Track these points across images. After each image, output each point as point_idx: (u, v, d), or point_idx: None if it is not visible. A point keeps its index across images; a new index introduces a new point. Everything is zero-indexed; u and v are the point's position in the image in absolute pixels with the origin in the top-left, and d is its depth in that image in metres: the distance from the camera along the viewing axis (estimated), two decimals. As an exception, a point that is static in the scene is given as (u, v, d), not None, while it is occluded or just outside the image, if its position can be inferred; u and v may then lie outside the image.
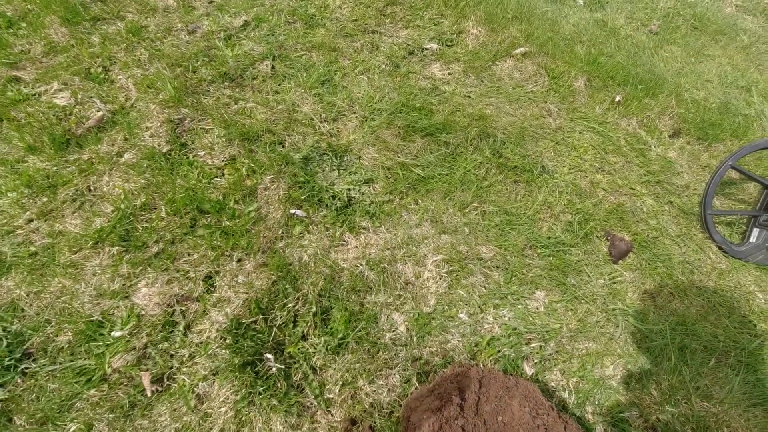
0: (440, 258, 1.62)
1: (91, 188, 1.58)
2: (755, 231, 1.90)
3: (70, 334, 1.32)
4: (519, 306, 1.56)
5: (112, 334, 1.32)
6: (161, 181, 1.62)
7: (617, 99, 2.32)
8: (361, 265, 1.57)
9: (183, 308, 1.41)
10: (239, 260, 1.51)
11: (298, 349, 1.38)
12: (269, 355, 1.33)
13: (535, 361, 1.45)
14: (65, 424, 1.18)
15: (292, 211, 1.64)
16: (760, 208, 1.88)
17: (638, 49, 2.83)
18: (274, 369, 1.33)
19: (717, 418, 1.44)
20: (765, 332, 1.68)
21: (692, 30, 3.16)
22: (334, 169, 1.80)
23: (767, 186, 1.86)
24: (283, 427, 1.26)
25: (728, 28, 3.25)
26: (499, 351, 1.43)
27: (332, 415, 1.30)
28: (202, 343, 1.36)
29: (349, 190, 1.74)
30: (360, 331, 1.42)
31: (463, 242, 1.68)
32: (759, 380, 1.55)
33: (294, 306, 1.44)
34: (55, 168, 1.60)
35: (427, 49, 2.38)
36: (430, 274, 1.59)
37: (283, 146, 1.80)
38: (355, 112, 1.99)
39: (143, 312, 1.38)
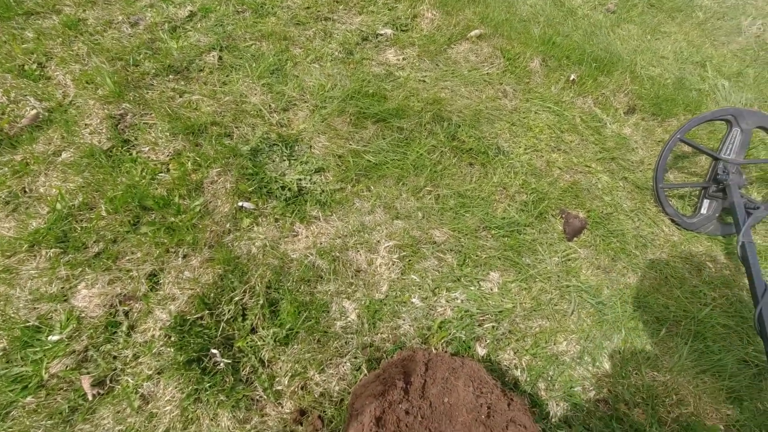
0: (393, 244, 1.61)
1: (27, 190, 1.52)
2: (705, 202, 1.94)
3: (4, 341, 1.27)
4: (472, 288, 1.56)
5: (50, 338, 1.28)
6: (102, 179, 1.57)
7: (572, 78, 2.32)
8: (312, 254, 1.55)
9: (126, 308, 1.37)
10: (185, 256, 1.48)
11: (247, 342, 1.36)
12: (215, 351, 1.31)
13: (488, 341, 1.45)
14: (0, 434, 1.15)
15: (240, 203, 1.60)
16: (710, 180, 1.91)
17: (595, 28, 2.83)
18: (221, 364, 1.31)
19: (666, 386, 1.46)
20: (714, 300, 1.72)
21: (649, 8, 3.18)
22: (285, 160, 1.76)
23: (715, 157, 1.89)
24: (231, 422, 1.24)
25: (684, 4, 3.28)
26: (451, 333, 1.42)
27: (282, 406, 1.28)
28: (146, 342, 1.33)
29: (299, 179, 1.71)
30: (310, 321, 1.40)
31: (417, 227, 1.67)
32: (708, 347, 1.58)
33: (242, 299, 1.41)
34: (-12, 170, 1.53)
35: (381, 34, 2.35)
36: (382, 261, 1.58)
37: (231, 138, 1.76)
38: (306, 101, 1.96)
39: (83, 314, 1.34)
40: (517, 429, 1.11)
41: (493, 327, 1.48)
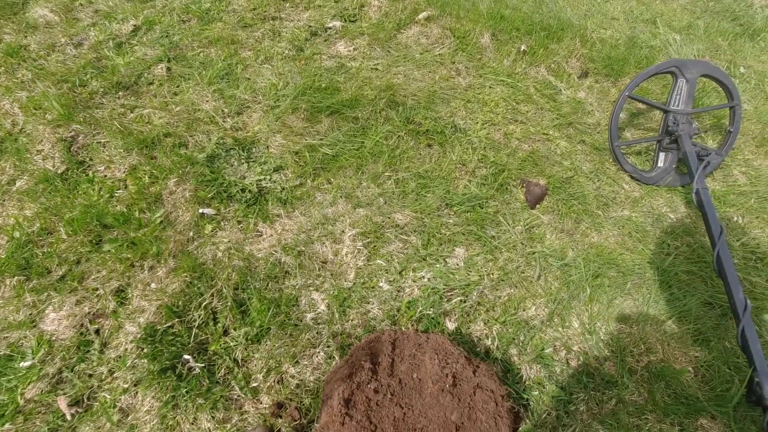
0: (356, 232, 1.63)
1: (-16, 222, 1.52)
2: (661, 155, 1.98)
3: (-24, 373, 1.28)
4: (438, 265, 1.59)
5: (22, 365, 1.29)
6: (59, 202, 1.57)
7: (523, 49, 2.35)
8: (277, 252, 1.57)
9: (96, 326, 1.39)
10: (151, 268, 1.49)
11: (220, 345, 1.38)
12: (187, 356, 1.33)
13: (457, 315, 1.49)
14: (-20, 463, 1.16)
15: (201, 210, 1.61)
16: (662, 133, 1.95)
17: (545, -3, 2.85)
18: (196, 369, 1.33)
19: (634, 337, 1.51)
20: (677, 249, 1.76)
21: (597, -29, 3.20)
22: (243, 162, 1.77)
23: (664, 110, 1.93)
24: (211, 424, 1.26)
25: (632, -36, 3.31)
26: (419, 312, 1.45)
27: (260, 402, 1.31)
28: (119, 357, 1.34)
29: (259, 180, 1.73)
30: (280, 316, 1.42)
31: (379, 213, 1.69)
32: (672, 294, 1.63)
33: (211, 304, 1.43)
34: (-57, 208, 1.53)
35: (330, 27, 2.35)
36: (348, 250, 1.60)
37: (187, 147, 1.77)
38: (259, 102, 1.96)
39: (54, 337, 1.35)
40: (483, 393, 1.14)
41: (461, 301, 1.51)
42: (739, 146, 2.19)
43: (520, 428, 1.30)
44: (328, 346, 1.39)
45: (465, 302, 1.51)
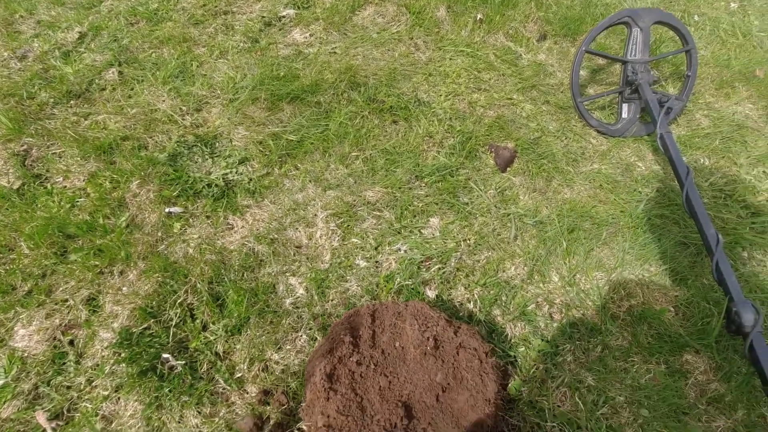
0: (328, 213, 1.61)
1: (-60, 246, 1.46)
2: (624, 106, 1.99)
3: (-53, 398, 1.23)
4: (414, 237, 1.58)
5: (-6, 384, 1.25)
6: (18, 218, 1.52)
7: (479, 18, 2.34)
8: (250, 242, 1.54)
9: (70, 337, 1.35)
10: (121, 273, 1.45)
11: (201, 341, 1.35)
12: (167, 355, 1.30)
13: (437, 283, 1.48)
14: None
15: (168, 209, 1.57)
16: (623, 84, 1.96)
17: (497, -34, 2.85)
18: (177, 367, 1.30)
19: (613, 283, 1.52)
20: (648, 195, 1.78)
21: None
22: (207, 158, 1.74)
23: (622, 61, 1.94)
24: (198, 419, 1.23)
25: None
26: (397, 283, 1.44)
27: (247, 392, 1.29)
28: (97, 365, 1.30)
29: (225, 174, 1.69)
30: (258, 305, 1.40)
31: (349, 192, 1.68)
32: (647, 239, 1.65)
33: (186, 300, 1.40)
34: None
35: (284, 16, 2.31)
36: (321, 232, 1.58)
37: (147, 149, 1.72)
38: (218, 97, 1.92)
39: (26, 353, 1.31)
40: (467, 352, 1.14)
41: (439, 269, 1.50)
42: (700, 91, 2.22)
43: (510, 384, 1.30)
44: (310, 329, 1.38)
45: (444, 270, 1.51)
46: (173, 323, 1.37)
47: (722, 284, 1.45)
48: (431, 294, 1.45)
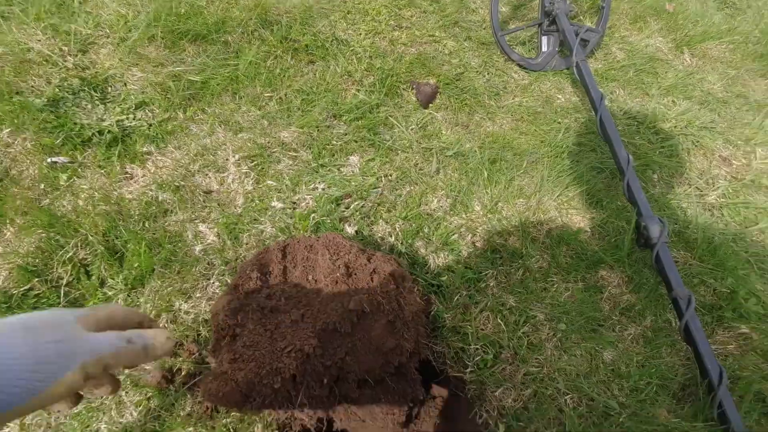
0: (240, 156, 1.49)
1: None
2: (544, 39, 1.99)
3: None
4: (332, 175, 1.50)
5: None
6: None
7: (398, -48, 2.22)
8: (152, 190, 1.40)
9: (-62, 307, 1.17)
10: (-3, 233, 1.28)
11: (98, 298, 1.22)
12: (56, 315, 1.16)
13: (357, 219, 1.42)
14: None
15: (51, 159, 1.39)
16: (541, 16, 1.95)
17: None
18: (71, 327, 1.17)
19: (533, 209, 1.54)
20: (567, 125, 1.80)
21: None
22: (98, 104, 1.55)
23: (539, -8, 1.92)
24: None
25: None
26: (314, 220, 1.37)
27: (154, 346, 1.18)
28: (-27, 334, 1.15)
29: (120, 120, 1.52)
30: (163, 253, 1.28)
31: (263, 134, 1.56)
32: (565, 165, 1.67)
33: (77, 256, 1.26)
34: None
35: (183, -50, 2.07)
36: (234, 176, 1.47)
37: (20, 94, 1.50)
38: (107, 37, 1.71)
39: None
40: (380, 277, 1.10)
41: (358, 204, 1.44)
42: (615, 25, 2.26)
43: (432, 312, 1.29)
44: (223, 275, 1.28)
45: (363, 206, 1.45)
46: (64, 282, 1.23)
47: (632, 201, 1.50)
48: (350, 230, 1.39)
